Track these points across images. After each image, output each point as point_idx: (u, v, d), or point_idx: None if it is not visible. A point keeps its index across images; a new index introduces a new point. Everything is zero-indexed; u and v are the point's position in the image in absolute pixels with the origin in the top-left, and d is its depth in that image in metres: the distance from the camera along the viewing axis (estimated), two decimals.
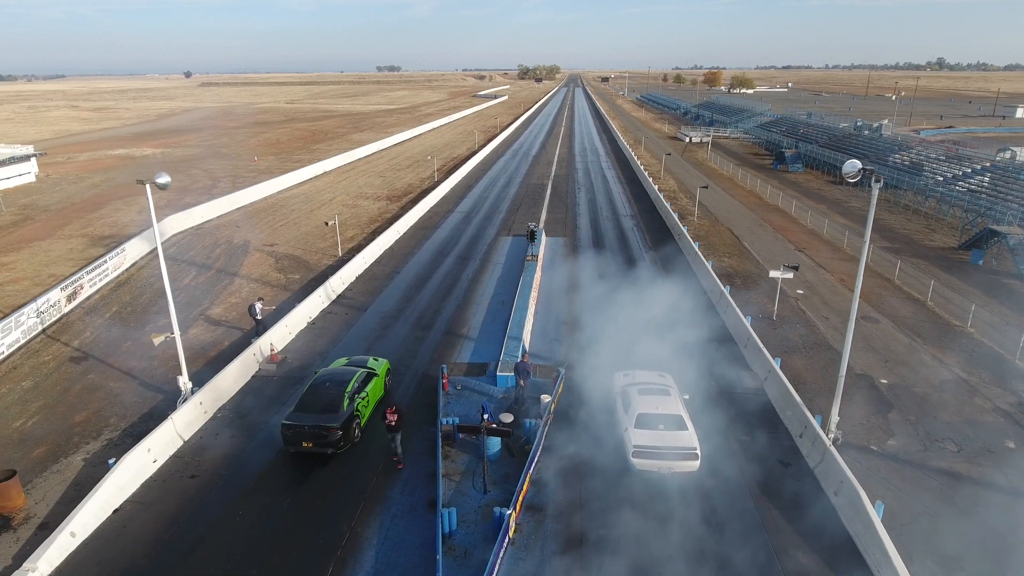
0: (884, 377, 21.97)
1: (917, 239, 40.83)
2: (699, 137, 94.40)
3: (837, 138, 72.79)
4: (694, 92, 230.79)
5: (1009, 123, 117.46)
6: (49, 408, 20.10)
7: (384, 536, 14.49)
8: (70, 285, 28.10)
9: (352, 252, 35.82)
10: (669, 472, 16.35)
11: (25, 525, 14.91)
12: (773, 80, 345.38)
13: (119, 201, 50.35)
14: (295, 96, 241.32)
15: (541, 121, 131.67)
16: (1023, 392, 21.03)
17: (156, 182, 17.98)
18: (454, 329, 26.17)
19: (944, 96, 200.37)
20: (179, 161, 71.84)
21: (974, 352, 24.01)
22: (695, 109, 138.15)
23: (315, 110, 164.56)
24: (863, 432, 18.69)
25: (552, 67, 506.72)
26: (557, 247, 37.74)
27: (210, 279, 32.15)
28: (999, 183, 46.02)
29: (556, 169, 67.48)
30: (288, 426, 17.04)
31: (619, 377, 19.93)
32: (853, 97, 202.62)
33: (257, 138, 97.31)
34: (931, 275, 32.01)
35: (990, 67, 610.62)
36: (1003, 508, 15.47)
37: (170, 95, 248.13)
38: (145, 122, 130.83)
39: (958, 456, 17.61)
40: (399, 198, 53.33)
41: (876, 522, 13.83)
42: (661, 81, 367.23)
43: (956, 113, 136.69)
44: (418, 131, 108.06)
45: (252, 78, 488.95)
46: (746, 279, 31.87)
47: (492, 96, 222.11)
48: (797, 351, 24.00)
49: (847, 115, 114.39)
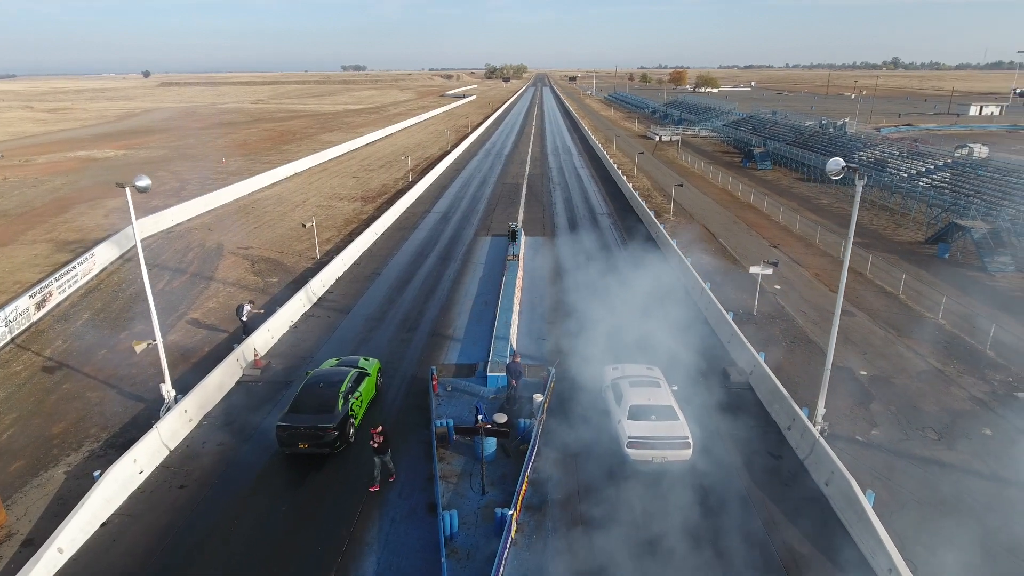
0: (864, 369, 22.56)
1: (885, 234, 42.00)
2: (668, 136, 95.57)
3: (803, 136, 74.44)
4: (660, 91, 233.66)
5: (964, 120, 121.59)
6: (24, 420, 19.39)
7: (385, 540, 14.34)
8: (39, 292, 27.14)
9: (330, 254, 35.35)
10: (663, 461, 16.69)
11: (8, 543, 14.35)
12: (736, 79, 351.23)
13: (83, 205, 48.81)
14: (259, 96, 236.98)
15: (512, 120, 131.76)
16: (996, 381, 21.81)
17: (136, 185, 17.47)
18: (439, 330, 26.03)
19: (901, 95, 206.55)
20: (144, 163, 69.93)
21: (947, 343, 24.80)
22: (663, 108, 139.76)
23: (281, 110, 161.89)
24: (848, 423, 19.16)
25: (519, 66, 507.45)
26: (537, 246, 37.80)
27: (185, 283, 31.40)
28: (960, 179, 47.63)
29: (530, 168, 67.58)
30: (283, 427, 16.84)
31: (609, 370, 20.29)
32: (814, 96, 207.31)
33: (224, 139, 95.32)
34: (901, 269, 32.98)
35: (942, 66, 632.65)
36: (985, 493, 16.02)
37: (129, 95, 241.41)
38: (105, 123, 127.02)
39: (939, 444, 18.18)
40: (374, 199, 52.81)
41: (868, 510, 14.20)
42: (628, 80, 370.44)
43: (913, 111, 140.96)
44: (388, 131, 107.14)
45: (214, 77, 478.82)
46: (724, 275, 32.36)
47: (461, 95, 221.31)
48: (779, 345, 24.46)
49: (810, 113, 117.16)
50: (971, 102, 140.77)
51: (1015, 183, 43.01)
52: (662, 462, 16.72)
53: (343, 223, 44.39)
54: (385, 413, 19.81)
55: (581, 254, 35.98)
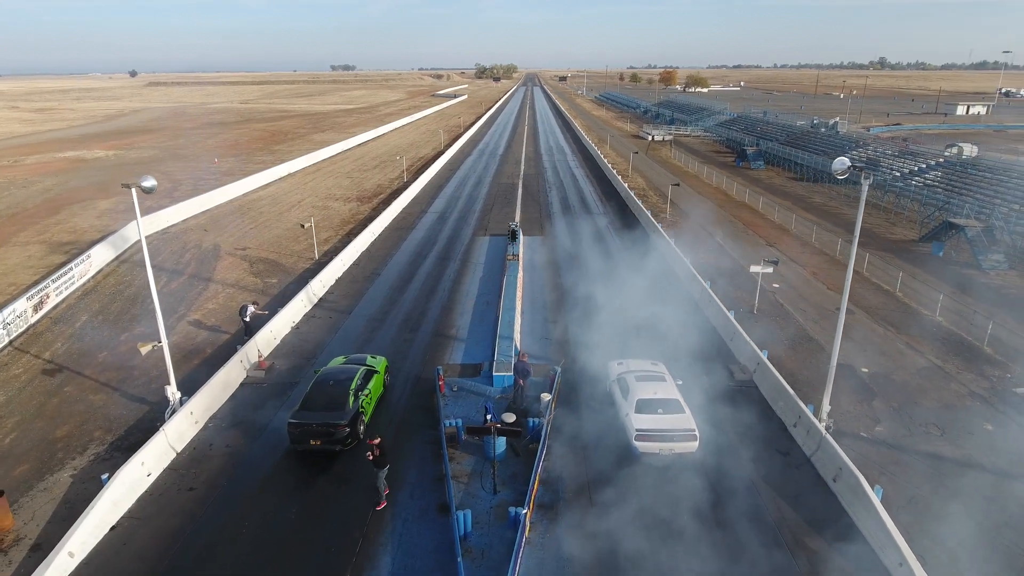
0: (865, 366, 22.76)
1: (879, 232, 42.38)
2: (661, 135, 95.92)
3: (795, 136, 74.96)
4: (651, 91, 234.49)
5: (951, 120, 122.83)
6: (26, 423, 19.20)
7: (398, 541, 14.33)
8: (36, 294, 26.87)
9: (329, 254, 35.22)
10: (671, 453, 17.03)
11: (16, 547, 14.21)
12: (725, 79, 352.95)
13: (76, 205, 48.35)
14: (248, 96, 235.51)
15: (504, 120, 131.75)
16: (994, 377, 22.09)
17: (142, 185, 17.34)
18: (442, 331, 26.01)
19: (889, 94, 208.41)
20: (135, 163, 69.38)
21: (945, 340, 25.08)
22: (655, 108, 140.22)
23: (271, 110, 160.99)
24: (852, 420, 19.34)
25: (509, 66, 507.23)
26: (536, 247, 37.84)
27: (183, 285, 31.18)
28: (953, 178, 48.13)
29: (525, 168, 67.61)
30: (295, 425, 16.99)
31: (614, 366, 20.65)
32: (803, 96, 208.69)
33: (215, 139, 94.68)
34: (896, 267, 33.29)
35: (928, 66, 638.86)
36: (989, 488, 16.22)
37: (116, 95, 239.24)
38: (93, 123, 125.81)
39: (942, 439, 18.39)
40: (369, 199, 52.66)
41: (877, 505, 14.36)
42: (618, 80, 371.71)
43: (901, 111, 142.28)
44: (381, 131, 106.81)
45: (202, 77, 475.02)
46: (724, 274, 32.52)
47: (452, 95, 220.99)
48: (780, 343, 24.65)
49: (800, 113, 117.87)
50: (958, 102, 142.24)
51: (1007, 182, 43.54)
52: (669, 454, 17.04)
53: (340, 223, 44.23)
54: (391, 412, 19.83)
55: (580, 254, 36.10)
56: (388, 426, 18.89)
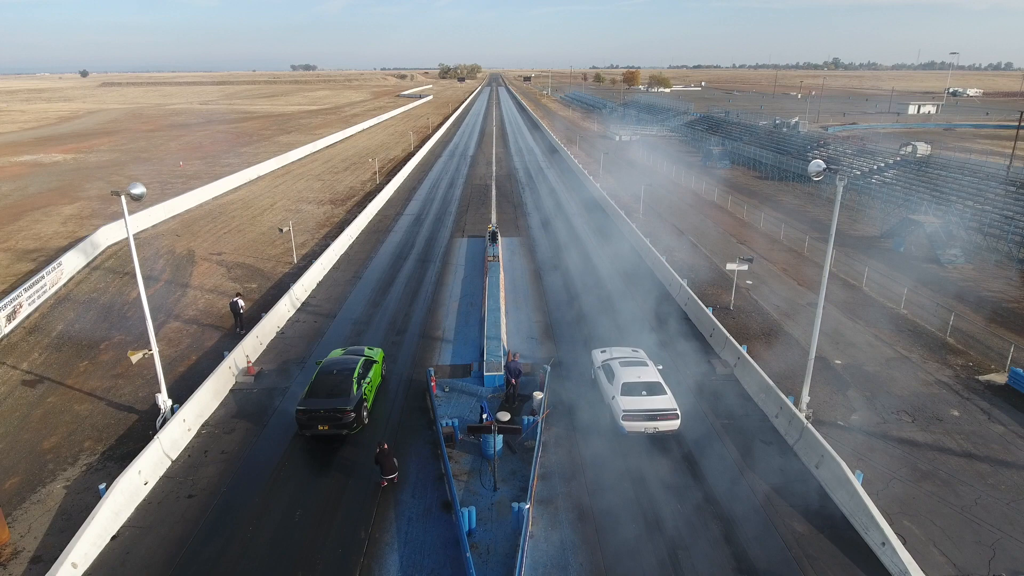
0: (838, 358, 23.82)
1: (843, 229, 43.90)
2: (628, 135, 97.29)
3: (759, 135, 76.97)
4: (614, 91, 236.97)
5: (903, 119, 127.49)
6: (11, 436, 18.84)
7: (404, 539, 14.61)
8: (8, 304, 26.20)
9: (307, 258, 35.08)
10: (655, 432, 18.29)
11: (15, 560, 14.05)
12: (687, 79, 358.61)
13: (37, 212, 47.01)
14: (208, 96, 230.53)
15: (472, 120, 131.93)
16: (957, 366, 23.36)
17: (131, 193, 17.29)
18: (428, 332, 26.25)
19: (843, 94, 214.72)
20: (96, 167, 67.58)
21: (910, 331, 26.36)
22: (621, 108, 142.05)
23: (233, 111, 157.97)
24: (828, 409, 20.28)
25: (473, 66, 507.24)
26: (514, 247, 38.29)
27: (160, 292, 30.73)
28: (909, 176, 50.20)
29: (496, 169, 67.95)
30: (303, 411, 17.68)
31: (597, 354, 21.84)
32: (762, 95, 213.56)
33: (176, 142, 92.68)
34: (861, 262, 34.71)
35: (879, 67, 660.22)
36: (959, 469, 17.26)
37: (68, 96, 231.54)
38: (46, 125, 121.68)
39: (913, 425, 19.44)
40: (343, 201, 52.40)
41: (859, 489, 15.20)
42: (582, 80, 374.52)
43: (856, 110, 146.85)
44: (348, 132, 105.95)
45: (157, 77, 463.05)
46: (698, 272, 33.46)
47: (417, 96, 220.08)
48: (756, 337, 25.60)
49: (759, 112, 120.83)
50: (909, 101, 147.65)
51: (960, 179, 45.64)
52: (654, 432, 18.29)
53: (315, 227, 43.96)
54: (388, 409, 20.17)
55: (558, 254, 36.65)
56: (385, 426, 19.15)
